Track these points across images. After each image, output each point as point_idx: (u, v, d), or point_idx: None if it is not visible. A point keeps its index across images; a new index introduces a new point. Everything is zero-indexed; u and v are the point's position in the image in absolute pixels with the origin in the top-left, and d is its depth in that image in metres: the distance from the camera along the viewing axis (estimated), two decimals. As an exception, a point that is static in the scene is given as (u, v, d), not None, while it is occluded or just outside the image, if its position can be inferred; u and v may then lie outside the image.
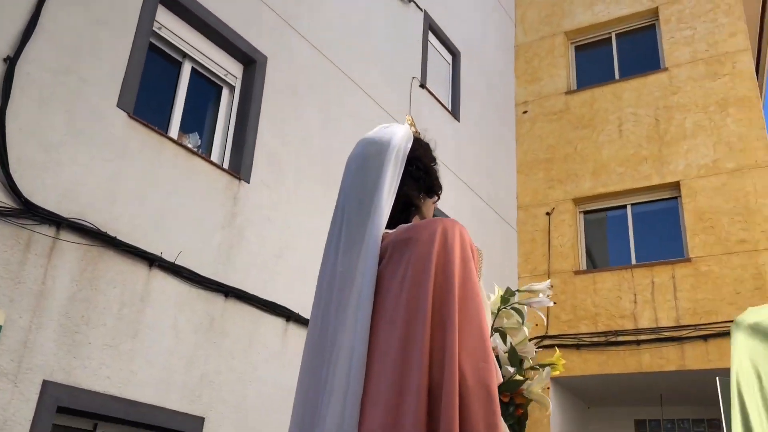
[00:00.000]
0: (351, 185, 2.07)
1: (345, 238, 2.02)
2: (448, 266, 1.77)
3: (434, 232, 1.82)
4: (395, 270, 1.87)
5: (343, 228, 2.02)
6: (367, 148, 2.13)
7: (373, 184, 2.04)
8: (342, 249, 1.99)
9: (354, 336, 1.83)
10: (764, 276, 9.07)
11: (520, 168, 11.49)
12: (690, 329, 9.21)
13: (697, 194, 9.85)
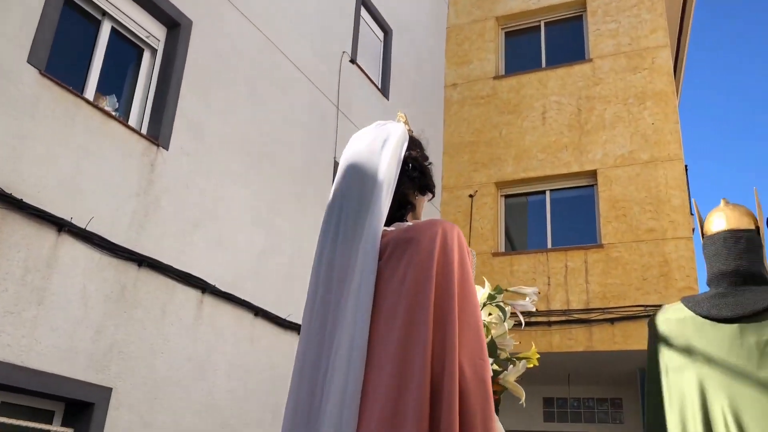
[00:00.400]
0: (349, 181, 2.12)
1: (343, 232, 2.05)
2: (448, 268, 1.84)
3: (435, 235, 1.89)
4: (395, 269, 1.93)
5: (340, 223, 2.04)
6: (364, 146, 2.18)
7: (372, 182, 2.09)
8: (340, 242, 2.02)
9: (353, 334, 1.86)
10: (670, 263, 9.54)
11: (447, 150, 11.63)
12: (598, 312, 9.61)
13: (612, 183, 10.23)
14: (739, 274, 3.15)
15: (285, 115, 7.57)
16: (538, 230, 10.99)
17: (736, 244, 3.20)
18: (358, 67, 9.33)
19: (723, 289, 3.11)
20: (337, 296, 2.00)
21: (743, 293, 3.08)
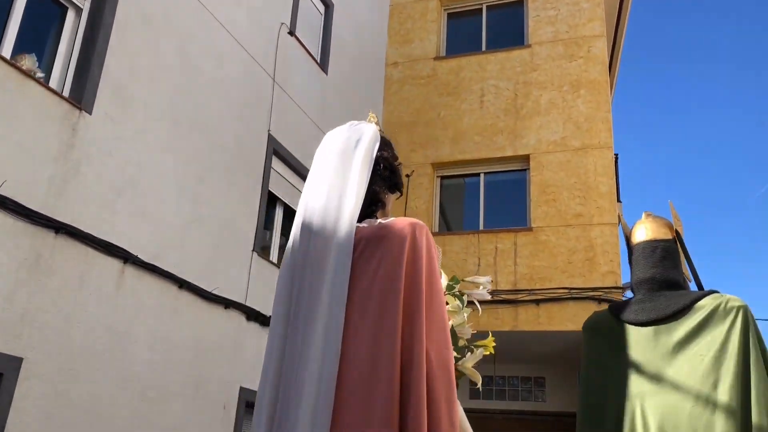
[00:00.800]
0: (321, 178, 2.26)
1: (316, 226, 2.20)
2: (417, 264, 1.99)
3: (405, 233, 2.04)
4: (368, 264, 2.09)
5: (314, 217, 2.19)
6: (337, 144, 2.32)
7: (344, 179, 2.24)
8: (314, 236, 2.16)
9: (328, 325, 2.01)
10: (595, 248, 9.83)
11: (385, 128, 11.58)
12: (525, 293, 9.85)
13: (543, 168, 10.44)
14: (655, 281, 3.47)
15: (218, 85, 7.41)
16: (472, 212, 11.15)
17: (654, 253, 3.53)
18: (297, 40, 9.20)
19: (641, 296, 3.45)
20: (311, 289, 2.12)
21: (659, 298, 3.40)
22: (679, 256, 3.59)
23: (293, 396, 2.05)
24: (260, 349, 7.67)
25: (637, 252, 3.60)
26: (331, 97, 9.98)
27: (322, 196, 2.27)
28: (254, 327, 7.57)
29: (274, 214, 8.71)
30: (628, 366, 3.24)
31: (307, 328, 2.09)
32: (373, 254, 2.12)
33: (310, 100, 9.32)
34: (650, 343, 3.28)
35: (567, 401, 11.37)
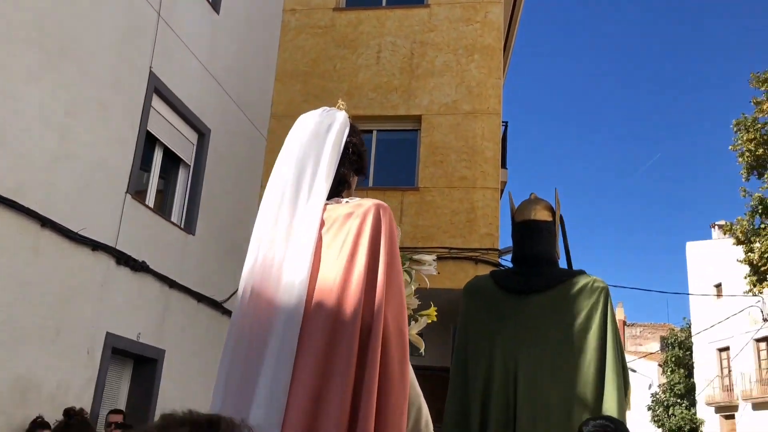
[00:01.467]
0: (296, 157, 2.53)
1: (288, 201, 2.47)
2: (379, 240, 2.28)
3: (370, 212, 2.32)
4: (335, 237, 2.38)
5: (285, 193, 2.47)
6: (310, 126, 2.61)
7: (316, 161, 2.50)
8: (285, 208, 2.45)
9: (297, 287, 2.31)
10: (476, 211, 10.11)
11: (279, 76, 11.35)
12: (408, 251, 10.00)
13: (434, 129, 10.57)
14: (533, 256, 4.02)
15: (94, 12, 6.93)
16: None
17: (533, 232, 4.06)
18: (188, -25, 8.74)
19: (521, 268, 4.00)
20: (280, 256, 2.43)
21: (536, 272, 3.95)
22: (556, 236, 4.11)
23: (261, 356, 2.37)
24: (130, 295, 7.42)
25: (520, 229, 4.10)
26: (221, 38, 9.60)
27: (293, 172, 2.53)
28: (124, 272, 7.29)
29: (153, 156, 8.35)
30: (503, 328, 3.72)
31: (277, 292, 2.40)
32: (340, 229, 2.41)
33: (199, 40, 8.93)
34: (525, 310, 3.81)
35: (442, 356, 11.76)
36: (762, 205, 26.19)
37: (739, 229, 26.85)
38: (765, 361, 28.59)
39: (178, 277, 8.26)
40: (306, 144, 2.61)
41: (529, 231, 4.09)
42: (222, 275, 9.42)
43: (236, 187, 9.99)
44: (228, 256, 9.62)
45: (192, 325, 8.65)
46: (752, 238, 26.20)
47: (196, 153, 9.06)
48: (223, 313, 9.39)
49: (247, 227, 9.19)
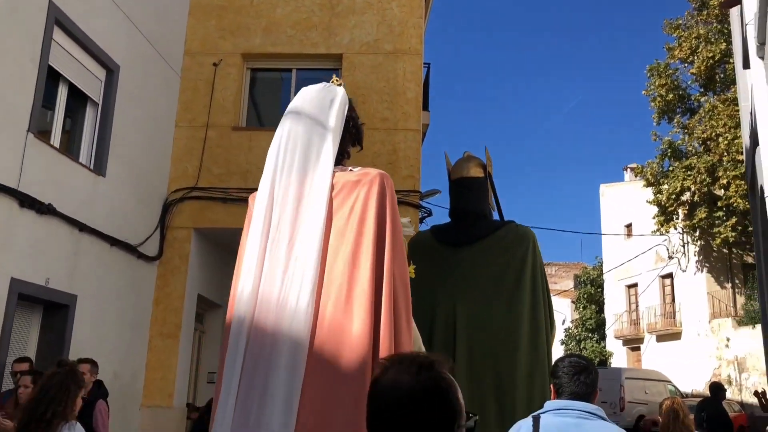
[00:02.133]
0: (302, 128, 2.98)
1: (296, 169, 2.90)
2: (383, 205, 2.77)
3: (375, 181, 2.84)
4: (344, 201, 2.85)
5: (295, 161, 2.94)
6: (314, 101, 3.08)
7: (323, 133, 2.97)
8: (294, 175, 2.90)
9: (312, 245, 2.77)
10: (398, 153, 10.10)
11: (193, 11, 10.83)
12: (328, 193, 9.95)
13: (355, 69, 10.40)
14: (468, 211, 4.45)
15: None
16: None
17: (467, 189, 4.45)
18: None
19: (457, 222, 4.44)
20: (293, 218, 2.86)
21: (470, 225, 4.37)
22: (488, 191, 4.51)
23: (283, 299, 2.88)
24: (36, 239, 7.09)
25: (455, 186, 4.50)
26: (130, -32, 9.02)
27: (301, 141, 2.97)
28: (29, 215, 6.93)
29: (57, 94, 7.87)
30: (442, 279, 4.15)
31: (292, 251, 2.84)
32: (350, 194, 2.88)
33: (105, -30, 8.37)
34: (461, 261, 4.25)
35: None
36: (671, 148, 27.38)
37: (650, 171, 28.06)
38: (669, 296, 30.39)
39: (89, 220, 7.94)
40: (312, 116, 3.03)
41: (463, 187, 4.46)
42: (137, 218, 9.12)
43: (149, 127, 9.59)
44: (142, 198, 9.31)
45: (106, 269, 8.38)
46: (661, 180, 27.45)
47: (104, 91, 8.61)
48: (138, 257, 9.13)
49: (162, 169, 8.95)
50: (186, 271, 9.77)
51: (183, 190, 9.99)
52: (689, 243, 28.40)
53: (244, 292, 2.93)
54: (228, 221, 9.94)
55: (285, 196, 2.99)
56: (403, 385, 1.40)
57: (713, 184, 24.94)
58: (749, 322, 24.02)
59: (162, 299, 9.64)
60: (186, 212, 9.97)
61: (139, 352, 9.25)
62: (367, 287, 2.70)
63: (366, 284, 2.71)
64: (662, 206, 27.11)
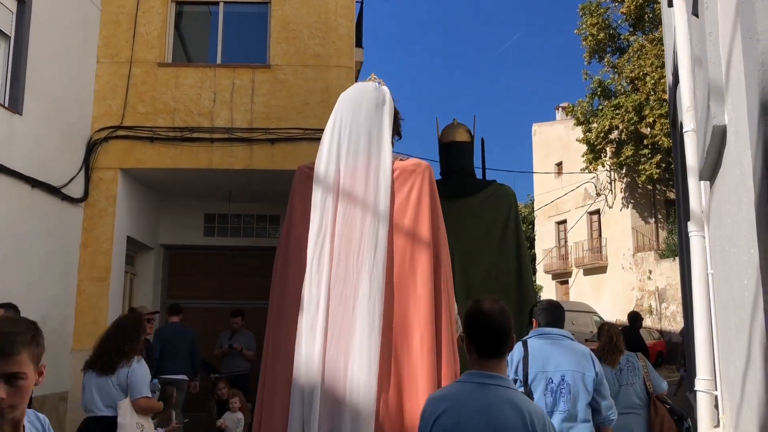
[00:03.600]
0: (358, 121, 3.81)
1: (355, 157, 3.73)
2: (435, 191, 3.72)
3: (427, 170, 3.80)
4: (403, 183, 3.71)
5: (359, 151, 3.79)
6: (370, 100, 3.89)
7: (380, 126, 3.79)
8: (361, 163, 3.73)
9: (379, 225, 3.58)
10: (330, 90, 9.94)
11: (112, -61, 10.20)
12: (261, 132, 9.77)
13: (285, 3, 10.09)
14: (455, 170, 5.35)
15: None
16: (209, 43, 10.54)
17: (456, 151, 5.37)
18: None
19: (449, 179, 5.30)
20: (363, 193, 3.65)
21: (461, 181, 5.29)
22: (473, 152, 5.47)
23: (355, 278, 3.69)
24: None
25: (445, 148, 5.43)
26: None
27: (364, 130, 3.77)
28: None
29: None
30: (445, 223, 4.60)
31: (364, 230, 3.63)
32: (406, 182, 3.77)
33: None
34: (453, 211, 4.87)
35: (299, 237, 11.88)
36: (601, 87, 27.95)
37: (580, 110, 28.65)
38: (596, 231, 31.56)
39: (6, 160, 7.57)
40: (369, 110, 3.83)
41: (453, 150, 5.37)
42: (59, 159, 8.76)
43: (68, 62, 9.12)
44: (65, 137, 8.92)
45: (28, 213, 8.06)
46: (591, 119, 28.09)
47: (16, 22, 8.09)
48: (62, 199, 8.81)
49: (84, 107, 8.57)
50: (114, 213, 9.51)
51: (107, 129, 9.62)
52: (616, 180, 29.38)
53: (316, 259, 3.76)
54: (156, 161, 9.67)
55: (354, 175, 3.80)
56: (494, 307, 2.51)
57: (640, 122, 25.70)
58: (670, 255, 25.26)
59: (90, 242, 9.38)
60: (111, 152, 9.62)
61: (68, 297, 9.03)
62: (426, 252, 3.66)
63: (425, 249, 3.67)
64: (591, 145, 27.84)
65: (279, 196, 11.36)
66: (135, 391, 4.62)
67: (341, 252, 3.63)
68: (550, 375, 3.87)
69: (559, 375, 3.87)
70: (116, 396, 4.61)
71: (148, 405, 4.72)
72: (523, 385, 3.89)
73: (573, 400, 3.82)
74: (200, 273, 11.81)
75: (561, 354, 3.90)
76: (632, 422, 4.87)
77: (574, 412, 3.81)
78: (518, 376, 3.93)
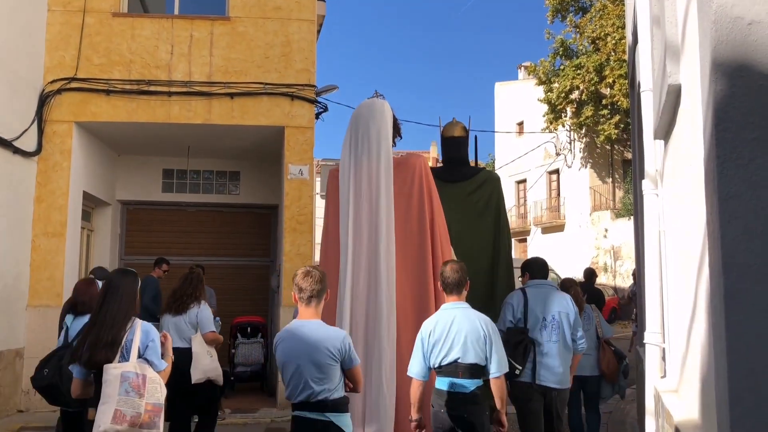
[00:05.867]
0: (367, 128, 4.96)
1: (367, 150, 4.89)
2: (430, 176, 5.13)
3: (418, 161, 5.17)
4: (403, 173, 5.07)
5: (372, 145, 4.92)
6: (375, 111, 5.03)
7: (381, 132, 4.96)
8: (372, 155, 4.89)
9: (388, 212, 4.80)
10: (292, 45, 9.79)
11: None
12: (220, 86, 9.59)
13: (244, -47, 9.81)
14: (455, 159, 6.48)
15: None
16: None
17: (455, 144, 6.49)
18: None
19: (446, 166, 6.48)
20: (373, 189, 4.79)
21: (457, 168, 6.38)
22: (468, 145, 6.64)
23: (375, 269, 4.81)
24: None
25: (447, 142, 6.53)
26: None
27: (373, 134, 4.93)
28: None
29: None
30: (446, 201, 5.61)
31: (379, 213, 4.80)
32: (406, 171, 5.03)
33: None
34: (453, 193, 6.07)
35: (259, 194, 11.81)
36: (563, 47, 28.02)
37: (542, 69, 28.72)
38: (555, 191, 32.02)
39: (-47, 112, 7.31)
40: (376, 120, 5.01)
41: (452, 143, 6.50)
42: (10, 111, 8.48)
43: (16, 10, 8.75)
44: (15, 89, 8.63)
45: (-23, 166, 7.82)
46: (552, 78, 28.21)
47: (-40, -34, 7.72)
48: (14, 152, 8.56)
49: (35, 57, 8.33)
50: (69, 167, 9.29)
51: (61, 81, 9.33)
52: (575, 140, 29.74)
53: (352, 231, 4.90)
54: (112, 115, 9.44)
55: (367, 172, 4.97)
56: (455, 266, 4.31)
57: (600, 83, 25.93)
58: (626, 214, 25.84)
59: (44, 197, 9.17)
60: (65, 105, 9.35)
61: (22, 252, 8.85)
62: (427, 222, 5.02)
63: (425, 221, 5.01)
64: (552, 104, 28.03)
65: (239, 152, 11.26)
66: (204, 327, 5.85)
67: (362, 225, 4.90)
68: (544, 315, 5.18)
69: (550, 315, 5.18)
70: (188, 332, 5.80)
71: (214, 337, 5.93)
72: (523, 322, 5.17)
73: (561, 333, 5.17)
74: (159, 229, 11.68)
75: (550, 299, 5.25)
76: (584, 362, 6.01)
77: (562, 342, 5.16)
78: (519, 315, 5.20)
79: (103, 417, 3.55)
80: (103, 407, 3.57)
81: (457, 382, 4.13)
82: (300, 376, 3.68)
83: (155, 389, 3.69)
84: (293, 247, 9.53)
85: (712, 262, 2.14)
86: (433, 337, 4.17)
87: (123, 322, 3.76)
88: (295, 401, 3.71)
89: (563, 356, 5.16)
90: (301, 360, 3.67)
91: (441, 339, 4.14)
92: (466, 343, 4.11)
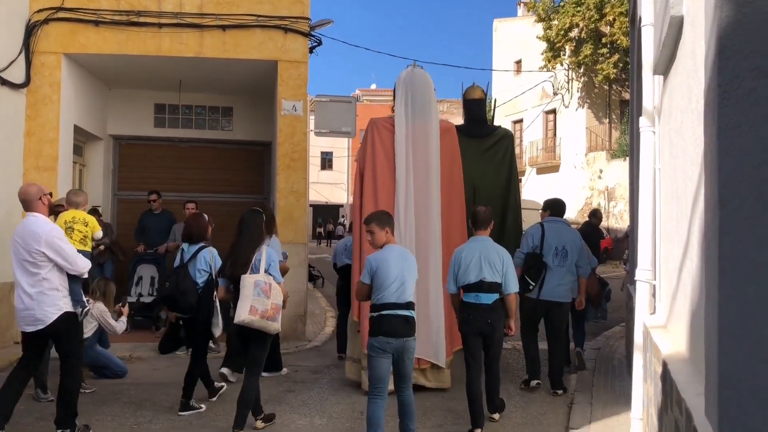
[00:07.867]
0: (414, 94, 6.81)
1: (419, 111, 6.84)
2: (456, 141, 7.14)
3: (453, 128, 7.17)
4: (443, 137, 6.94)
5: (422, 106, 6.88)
6: (422, 80, 6.93)
7: (430, 96, 6.94)
8: (422, 116, 6.86)
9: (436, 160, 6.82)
10: (285, -25, 9.48)
11: None
12: (211, 17, 9.34)
13: None
14: (478, 119, 7.73)
15: None
16: None
17: (476, 105, 7.74)
18: None
19: (468, 124, 7.68)
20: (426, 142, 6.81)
21: (479, 125, 7.68)
22: (485, 106, 8.03)
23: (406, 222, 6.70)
24: None
25: (469, 103, 7.77)
26: None
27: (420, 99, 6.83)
28: None
29: None
30: (467, 155, 7.21)
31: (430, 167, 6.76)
32: (445, 135, 6.93)
33: None
34: (474, 147, 7.38)
35: (253, 130, 11.67)
36: (563, -18, 27.34)
37: (541, 6, 28.13)
38: (551, 131, 31.82)
39: (-62, 41, 7.11)
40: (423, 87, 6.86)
41: (473, 104, 7.75)
42: (-5, 41, 8.26)
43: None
44: (0, 18, 8.38)
45: (-36, 97, 7.66)
46: (552, 15, 27.66)
47: None
48: (2, 84, 8.39)
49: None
50: (58, 100, 9.12)
51: (47, 11, 9.07)
52: (573, 80, 29.36)
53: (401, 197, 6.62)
54: (101, 47, 9.22)
55: (420, 130, 6.75)
56: (481, 209, 5.72)
57: (600, 20, 25.44)
58: (621, 155, 25.76)
59: (34, 130, 9.04)
60: (53, 35, 9.12)
61: (13, 186, 8.75)
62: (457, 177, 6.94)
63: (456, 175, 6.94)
64: (551, 42, 27.56)
65: (232, 87, 11.07)
66: None
67: (419, 174, 6.62)
68: (557, 245, 6.68)
69: (563, 245, 6.68)
70: None
71: (283, 267, 6.34)
72: (540, 249, 6.65)
73: (571, 260, 6.70)
74: (152, 165, 11.58)
75: (564, 232, 6.80)
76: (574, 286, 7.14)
77: (572, 268, 6.72)
78: (537, 243, 6.68)
79: (242, 310, 4.97)
80: (241, 303, 5.00)
81: (481, 296, 5.41)
82: None
83: (277, 294, 5.16)
84: (287, 184, 9.48)
85: (707, 195, 2.11)
86: (464, 262, 5.45)
87: (253, 248, 5.25)
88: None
89: (566, 278, 6.66)
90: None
91: (469, 263, 5.43)
92: (488, 266, 5.41)
